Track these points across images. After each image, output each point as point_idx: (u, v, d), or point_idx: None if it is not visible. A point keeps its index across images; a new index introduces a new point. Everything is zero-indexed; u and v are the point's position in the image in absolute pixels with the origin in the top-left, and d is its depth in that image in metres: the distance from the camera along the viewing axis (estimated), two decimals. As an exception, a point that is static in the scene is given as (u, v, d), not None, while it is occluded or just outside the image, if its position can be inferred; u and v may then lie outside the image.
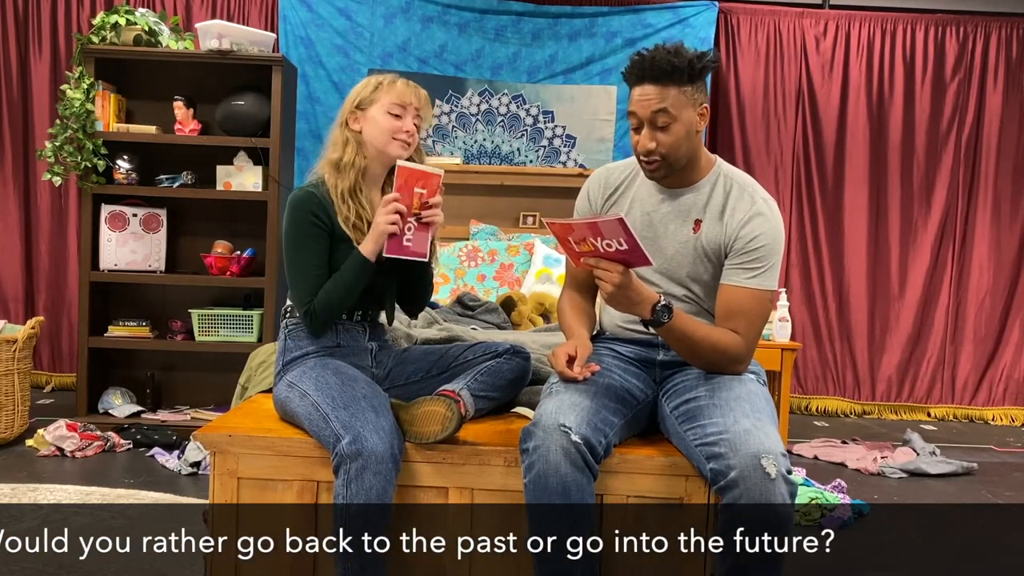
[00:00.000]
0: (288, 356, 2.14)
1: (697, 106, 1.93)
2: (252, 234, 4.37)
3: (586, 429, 1.81)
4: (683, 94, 1.90)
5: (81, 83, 4.07)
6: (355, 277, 2.08)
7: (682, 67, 1.87)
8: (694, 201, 2.02)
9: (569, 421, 1.80)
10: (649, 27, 5.16)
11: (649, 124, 1.91)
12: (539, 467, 1.79)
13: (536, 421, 1.84)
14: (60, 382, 5.09)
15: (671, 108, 1.89)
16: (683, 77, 1.88)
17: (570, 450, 1.78)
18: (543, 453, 1.78)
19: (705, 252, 2.00)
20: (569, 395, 1.89)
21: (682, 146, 1.93)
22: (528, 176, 4.75)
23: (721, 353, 1.93)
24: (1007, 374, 5.37)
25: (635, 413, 1.98)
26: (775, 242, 1.96)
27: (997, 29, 5.26)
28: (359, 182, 2.13)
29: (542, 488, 1.78)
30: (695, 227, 2.00)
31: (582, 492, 1.79)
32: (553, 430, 1.79)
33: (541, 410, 1.86)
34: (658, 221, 2.04)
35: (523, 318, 3.44)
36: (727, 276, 1.99)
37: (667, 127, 1.90)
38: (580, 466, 1.79)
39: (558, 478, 1.77)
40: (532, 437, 1.82)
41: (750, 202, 1.98)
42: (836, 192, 5.31)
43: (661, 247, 2.02)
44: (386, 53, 5.11)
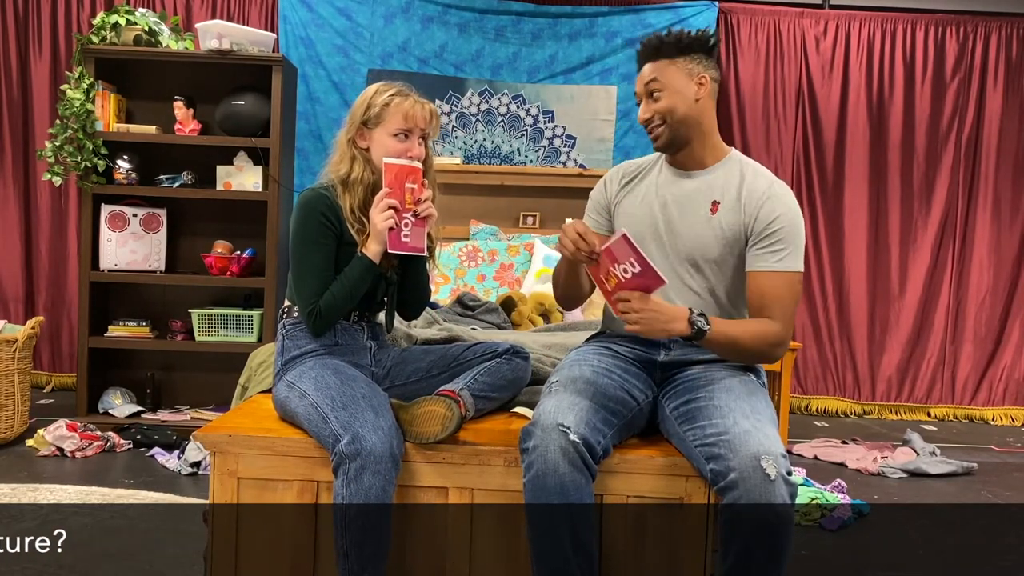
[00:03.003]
0: (287, 356, 2.14)
1: (694, 76, 2.03)
2: (252, 234, 4.37)
3: (585, 429, 1.81)
4: (673, 64, 2.02)
5: (81, 83, 4.07)
6: (359, 278, 2.09)
7: (670, 42, 2.03)
8: (710, 183, 2.06)
9: (568, 421, 1.81)
10: (649, 27, 5.16)
11: (645, 97, 2.06)
12: (538, 466, 1.79)
13: (535, 421, 1.84)
14: (60, 382, 5.09)
15: (660, 77, 2.03)
16: (672, 50, 2.03)
17: (568, 450, 1.78)
18: (541, 452, 1.79)
19: (723, 233, 2.02)
20: (568, 395, 1.89)
21: (678, 109, 2.01)
22: (528, 176, 4.75)
23: (762, 342, 1.96)
24: (1007, 374, 5.37)
25: (634, 414, 1.98)
26: (794, 224, 2.00)
27: (997, 29, 5.27)
28: (368, 197, 2.13)
29: (540, 487, 1.78)
30: (713, 208, 2.04)
31: (580, 492, 1.79)
32: (552, 430, 1.79)
33: (540, 410, 1.87)
34: (673, 203, 2.07)
35: (523, 318, 3.44)
36: (753, 263, 2.01)
37: (659, 95, 2.03)
38: (579, 466, 1.79)
39: (556, 477, 1.77)
40: (531, 437, 1.82)
41: (766, 184, 2.03)
42: (836, 192, 5.32)
43: (677, 230, 2.05)
44: (386, 53, 5.11)
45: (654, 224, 2.08)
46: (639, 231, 2.06)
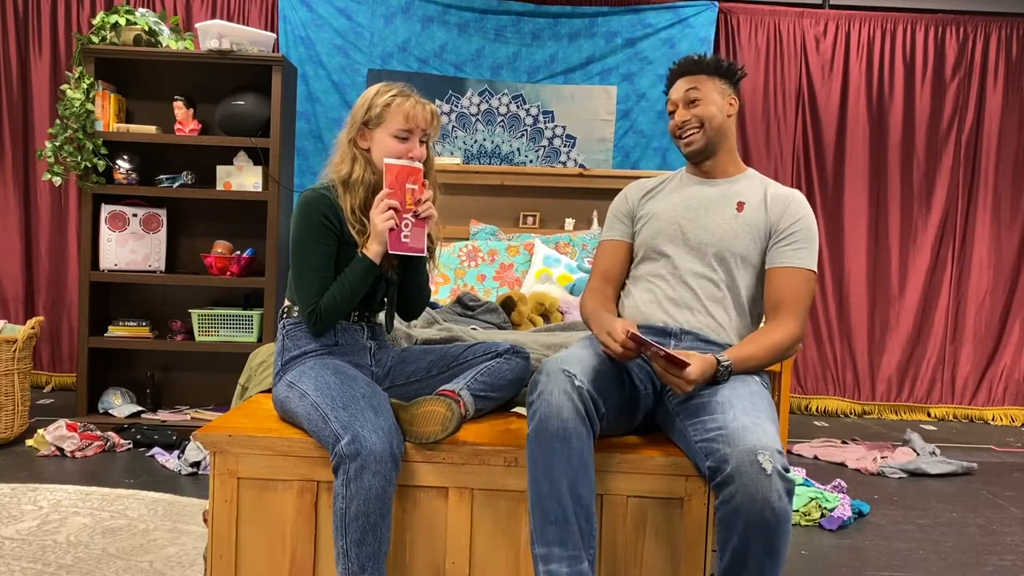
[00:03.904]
0: (287, 356, 2.14)
1: (726, 95, 2.18)
2: (252, 234, 4.37)
3: (588, 384, 1.85)
4: (710, 80, 2.18)
5: (81, 83, 4.07)
6: (360, 279, 2.09)
7: (709, 62, 2.19)
8: (736, 190, 2.18)
9: (575, 370, 1.86)
10: (649, 27, 5.16)
11: (683, 104, 2.18)
12: (541, 411, 1.81)
13: (542, 369, 1.89)
14: (60, 382, 5.09)
15: (699, 87, 2.17)
16: (709, 68, 2.18)
17: (572, 394, 1.81)
18: (546, 397, 1.82)
19: (750, 229, 2.12)
20: (574, 353, 1.95)
21: (715, 118, 2.15)
22: (528, 176, 4.75)
23: (780, 352, 2.04)
24: (1007, 374, 5.37)
25: (631, 397, 1.99)
26: (813, 228, 2.13)
27: (997, 29, 5.27)
28: (369, 198, 2.13)
29: (543, 431, 1.80)
30: (739, 207, 2.15)
31: (581, 442, 1.80)
32: (557, 374, 1.84)
33: (548, 362, 1.91)
34: (699, 204, 2.18)
35: (523, 318, 3.44)
36: (774, 258, 2.11)
37: (698, 102, 2.16)
38: (581, 414, 1.81)
39: (559, 421, 1.79)
40: (537, 385, 1.86)
41: (788, 191, 2.18)
42: (836, 192, 5.32)
43: (703, 224, 2.14)
44: (386, 53, 5.11)
45: (678, 221, 2.17)
46: (663, 228, 2.17)
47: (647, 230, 2.20)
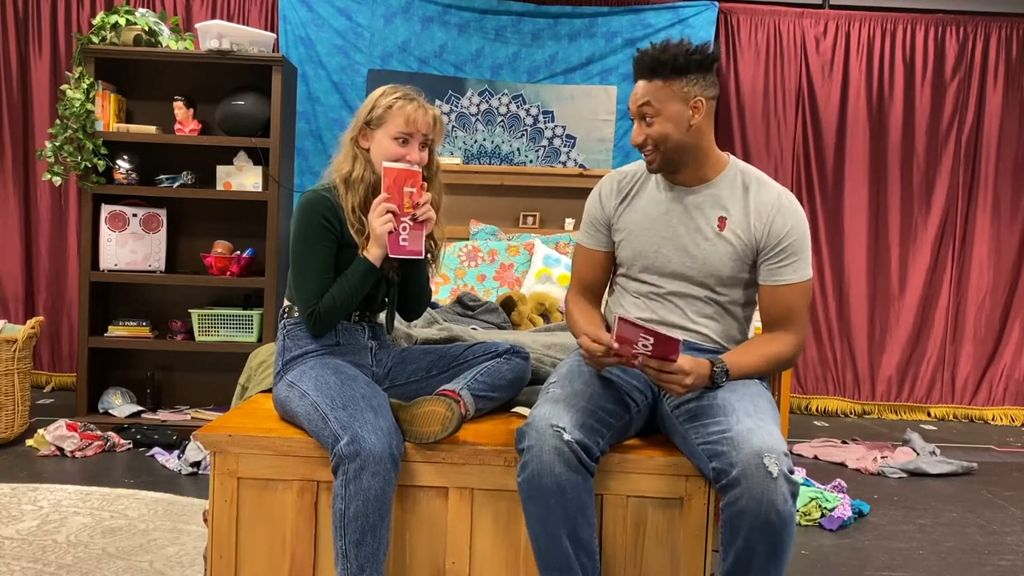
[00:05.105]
0: (287, 356, 2.14)
1: (689, 100, 1.95)
2: (252, 234, 4.37)
3: (580, 431, 1.80)
4: (668, 87, 1.94)
5: (81, 83, 4.07)
6: (360, 281, 2.09)
7: (666, 61, 1.93)
8: (714, 197, 2.03)
9: (563, 422, 1.80)
10: (649, 27, 5.16)
11: (637, 118, 1.99)
12: (533, 467, 1.79)
13: (530, 422, 1.84)
14: (60, 382, 5.09)
15: (654, 101, 1.95)
16: (666, 70, 1.94)
17: (563, 450, 1.77)
18: (536, 453, 1.78)
19: (735, 251, 2.00)
20: (565, 396, 1.88)
21: (671, 137, 1.96)
22: (528, 176, 4.75)
23: (779, 363, 2.01)
24: (1007, 374, 5.37)
25: (632, 417, 1.98)
26: (804, 234, 2.01)
27: (997, 29, 5.27)
28: (369, 197, 2.14)
29: (537, 487, 1.78)
30: (720, 224, 2.01)
31: (578, 490, 1.79)
32: (545, 430, 1.79)
33: (535, 412, 1.86)
34: (677, 220, 2.04)
35: (523, 318, 3.44)
36: (766, 276, 2.01)
37: (652, 119, 1.96)
38: (574, 465, 1.79)
39: (552, 478, 1.77)
40: (526, 437, 1.82)
41: (773, 196, 2.02)
42: (836, 192, 5.32)
43: (683, 246, 2.03)
44: (386, 53, 5.11)
45: (657, 243, 2.06)
46: (645, 253, 2.06)
47: (625, 249, 2.10)
